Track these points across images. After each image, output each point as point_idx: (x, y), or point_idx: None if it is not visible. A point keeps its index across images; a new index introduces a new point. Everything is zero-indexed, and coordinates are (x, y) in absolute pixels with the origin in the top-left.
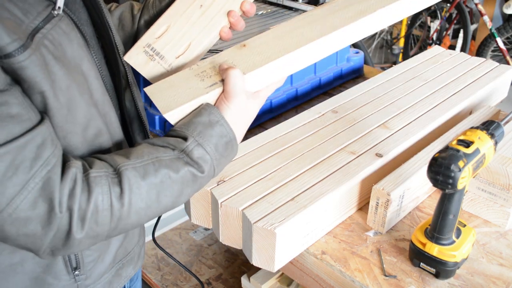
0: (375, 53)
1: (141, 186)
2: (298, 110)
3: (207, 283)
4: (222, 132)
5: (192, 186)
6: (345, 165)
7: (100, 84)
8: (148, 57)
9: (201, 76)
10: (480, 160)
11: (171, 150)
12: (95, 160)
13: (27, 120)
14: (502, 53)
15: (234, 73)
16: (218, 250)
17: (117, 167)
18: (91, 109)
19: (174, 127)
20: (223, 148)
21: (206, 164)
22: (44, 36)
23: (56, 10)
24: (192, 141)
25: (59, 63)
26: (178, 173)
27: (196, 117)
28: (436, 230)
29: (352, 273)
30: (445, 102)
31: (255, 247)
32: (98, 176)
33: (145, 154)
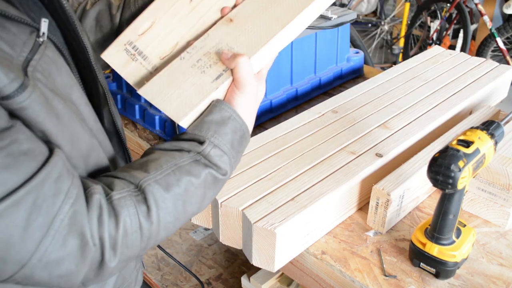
0: (375, 53)
1: (166, 200)
2: (298, 110)
3: (207, 283)
4: (236, 127)
5: (214, 188)
6: (345, 165)
7: (91, 111)
8: (129, 57)
9: (198, 67)
10: (480, 160)
11: (187, 153)
12: (113, 180)
13: (40, 154)
14: (502, 53)
15: (243, 62)
16: (218, 250)
17: (138, 183)
18: (91, 139)
19: (186, 130)
20: (238, 143)
21: (225, 165)
22: (35, 68)
23: (41, 37)
24: (208, 143)
25: (57, 96)
26: (200, 178)
27: (207, 116)
28: (436, 230)
29: (352, 273)
30: (445, 102)
31: (255, 247)
32: (122, 197)
33: (163, 163)
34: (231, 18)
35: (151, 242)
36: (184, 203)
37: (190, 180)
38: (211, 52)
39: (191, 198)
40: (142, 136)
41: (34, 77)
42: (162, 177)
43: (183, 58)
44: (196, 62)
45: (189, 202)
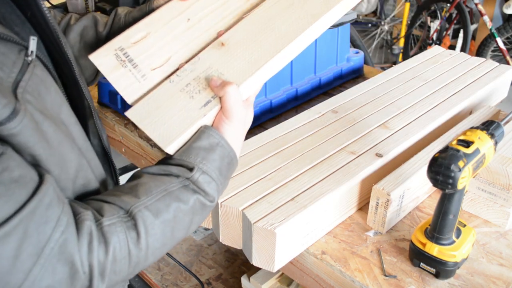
0: (375, 53)
1: (155, 226)
2: (298, 110)
3: (207, 283)
4: (224, 154)
5: (201, 214)
6: (345, 165)
7: (80, 130)
8: (118, 62)
9: (187, 91)
10: (480, 160)
11: (176, 178)
12: (103, 204)
13: (30, 181)
14: (502, 53)
15: (232, 91)
16: (218, 250)
17: (129, 209)
18: (80, 160)
19: (174, 155)
20: (226, 169)
21: (213, 191)
22: (24, 89)
23: (29, 56)
24: (197, 170)
25: (47, 119)
26: (189, 204)
27: (196, 142)
28: (436, 230)
29: (352, 273)
30: (445, 102)
31: (255, 247)
32: (112, 224)
33: (153, 188)
34: (223, 42)
35: (138, 268)
36: (172, 229)
37: (179, 206)
38: (201, 77)
39: (179, 224)
40: (142, 136)
41: (24, 99)
42: (152, 203)
43: (173, 81)
44: (185, 86)
45: (177, 228)
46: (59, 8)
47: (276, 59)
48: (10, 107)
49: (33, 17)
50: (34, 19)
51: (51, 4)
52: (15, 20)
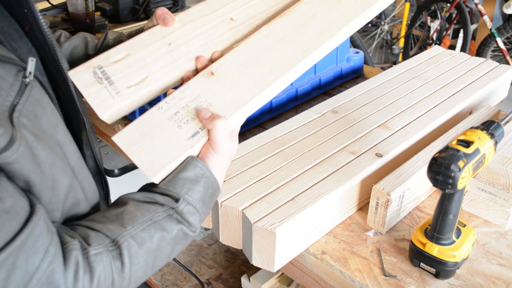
0: (375, 53)
1: (139, 255)
2: (298, 110)
3: (207, 283)
4: (208, 184)
5: (183, 244)
6: (345, 165)
7: (75, 149)
8: (95, 79)
9: (176, 120)
10: (480, 160)
11: (161, 206)
12: (89, 232)
13: (21, 211)
14: (502, 53)
15: (221, 125)
16: (218, 250)
17: (115, 238)
18: (72, 181)
19: (159, 184)
20: (209, 200)
21: (196, 222)
22: (21, 113)
23: (27, 77)
24: (183, 201)
25: (41, 142)
26: (172, 233)
27: (182, 173)
28: (436, 230)
29: (352, 273)
30: (445, 102)
31: (255, 247)
32: (98, 253)
33: (139, 217)
34: (213, 71)
35: None
36: (155, 258)
37: (163, 235)
38: (190, 107)
39: (161, 253)
40: None
41: (20, 123)
42: (137, 232)
43: (161, 108)
44: (174, 115)
45: (159, 257)
46: (59, 8)
47: (265, 92)
48: (7, 136)
49: (31, 32)
50: (32, 33)
51: (51, 4)
52: (13, 34)
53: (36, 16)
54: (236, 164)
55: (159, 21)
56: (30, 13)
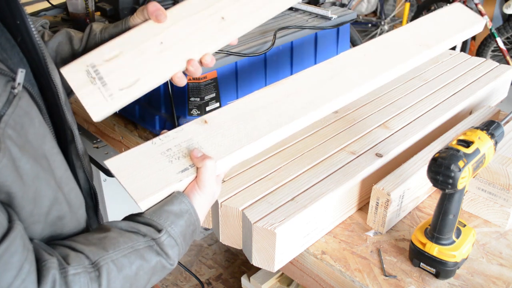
0: None
1: (117, 280)
2: None
3: (207, 283)
4: (190, 221)
5: (159, 275)
6: (345, 165)
7: (62, 160)
8: (88, 79)
9: (168, 156)
10: (480, 160)
11: (143, 236)
12: (70, 252)
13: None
14: (502, 53)
15: (209, 165)
16: (218, 250)
17: (95, 260)
18: (56, 194)
19: (143, 214)
20: (189, 236)
21: (174, 255)
22: (7, 124)
23: (16, 88)
24: (165, 233)
25: (25, 154)
26: (151, 264)
27: (167, 206)
28: (436, 230)
29: (352, 273)
30: (445, 102)
31: (255, 247)
32: (76, 273)
33: (121, 244)
34: (207, 120)
35: None
36: (131, 286)
37: (142, 264)
38: (182, 146)
39: (138, 281)
40: (142, 136)
41: (5, 134)
42: (118, 258)
43: (155, 143)
44: (166, 150)
45: (135, 285)
46: (59, 8)
47: (253, 145)
48: None
49: (23, 43)
50: (23, 44)
51: (51, 4)
52: (4, 44)
53: (29, 27)
54: (236, 164)
55: (152, 17)
56: (22, 24)
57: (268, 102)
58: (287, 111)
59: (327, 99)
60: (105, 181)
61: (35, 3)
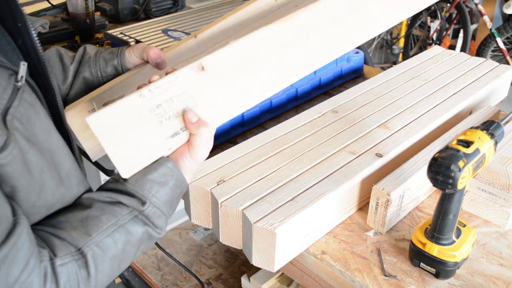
0: (375, 53)
1: (105, 262)
2: (298, 110)
3: (207, 283)
4: (176, 185)
5: (147, 243)
6: (345, 165)
7: (68, 152)
8: None
9: (157, 114)
10: (480, 160)
11: (126, 207)
12: (55, 241)
13: (4, 219)
14: (502, 53)
15: (205, 133)
16: (218, 250)
17: (80, 247)
18: (60, 188)
19: (126, 182)
20: (176, 200)
21: (162, 224)
22: (14, 116)
23: (19, 81)
24: (149, 204)
25: (33, 147)
26: (137, 236)
27: (151, 173)
28: (436, 230)
29: (352, 273)
30: (445, 102)
31: (255, 247)
32: (64, 264)
33: (104, 222)
34: (204, 66)
35: None
36: (119, 263)
37: (128, 239)
38: (174, 102)
39: (126, 256)
40: None
41: (13, 126)
42: (102, 239)
43: (144, 96)
44: (156, 107)
45: (123, 261)
46: (59, 8)
47: (251, 102)
48: (2, 138)
49: (23, 46)
50: (24, 47)
51: (51, 4)
52: (5, 47)
53: (30, 31)
54: (236, 164)
55: (152, 64)
56: (23, 27)
57: (275, 45)
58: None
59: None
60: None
61: (35, 3)
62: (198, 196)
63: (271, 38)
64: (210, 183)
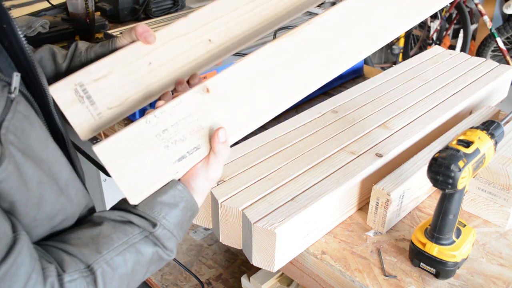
0: (375, 53)
1: (114, 281)
2: (298, 110)
3: (207, 283)
4: (187, 208)
5: (157, 265)
6: (345, 165)
7: (66, 162)
8: (77, 97)
9: (163, 139)
10: (480, 160)
11: (137, 227)
12: (65, 257)
13: (4, 236)
14: (502, 53)
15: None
16: (218, 250)
17: (90, 264)
18: (60, 199)
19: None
20: (186, 223)
21: (172, 246)
22: (8, 130)
23: (13, 93)
24: (159, 226)
25: (28, 159)
26: (147, 256)
27: (160, 196)
28: (436, 230)
29: (352, 273)
30: (445, 102)
31: (255, 247)
32: (72, 280)
33: (114, 241)
34: (208, 88)
35: None
36: (128, 282)
37: (138, 259)
38: (179, 125)
39: (136, 276)
40: None
41: (7, 140)
42: (112, 257)
43: (149, 122)
44: (162, 132)
45: (132, 280)
46: (59, 8)
47: (258, 121)
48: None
49: (10, 47)
50: (11, 49)
51: (51, 4)
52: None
53: (16, 31)
54: (236, 164)
55: (141, 38)
56: (9, 28)
57: (280, 62)
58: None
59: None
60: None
61: (35, 3)
62: None
63: (276, 54)
64: None
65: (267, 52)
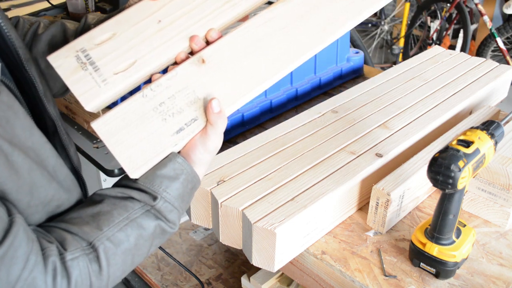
0: (375, 53)
1: (117, 256)
2: (298, 110)
3: (207, 283)
4: (187, 180)
5: (161, 238)
6: (345, 165)
7: (51, 149)
8: (79, 65)
9: (160, 112)
10: (480, 160)
11: (138, 202)
12: (66, 236)
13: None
14: (502, 53)
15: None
16: (218, 250)
17: (92, 241)
18: (52, 184)
19: (136, 179)
20: (188, 195)
21: (175, 219)
22: None
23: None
24: (160, 199)
25: (16, 148)
26: (149, 230)
27: (160, 170)
28: (436, 230)
29: (352, 273)
30: (445, 102)
31: (255, 247)
32: (74, 258)
33: (115, 217)
34: (204, 58)
35: None
36: (132, 257)
37: (141, 233)
38: (176, 98)
39: (139, 250)
40: None
41: None
42: (114, 233)
43: (146, 96)
44: (159, 105)
45: (137, 255)
46: (59, 8)
47: (257, 89)
48: None
49: None
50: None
51: (51, 4)
52: None
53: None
54: (236, 164)
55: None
56: None
57: (277, 28)
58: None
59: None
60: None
61: (35, 3)
62: (198, 196)
63: (273, 20)
64: (210, 183)
65: (263, 19)
